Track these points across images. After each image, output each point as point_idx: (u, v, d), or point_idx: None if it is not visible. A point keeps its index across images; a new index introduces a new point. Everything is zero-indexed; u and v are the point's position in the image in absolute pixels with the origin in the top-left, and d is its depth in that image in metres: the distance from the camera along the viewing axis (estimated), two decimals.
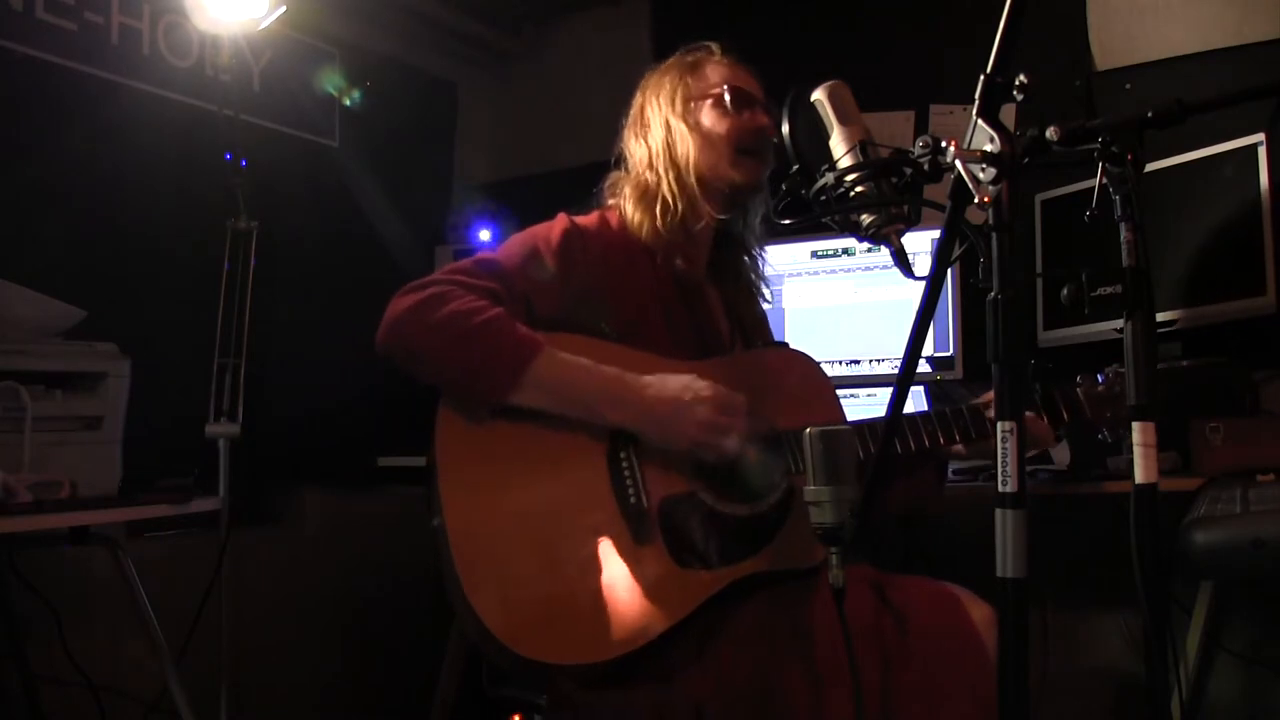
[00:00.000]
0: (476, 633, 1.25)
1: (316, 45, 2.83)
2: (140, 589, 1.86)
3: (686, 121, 1.53)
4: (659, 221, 1.49)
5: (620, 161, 1.61)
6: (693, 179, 1.51)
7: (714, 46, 1.60)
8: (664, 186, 1.51)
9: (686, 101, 1.54)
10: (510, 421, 1.34)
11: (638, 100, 1.60)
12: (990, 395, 1.45)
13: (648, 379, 1.36)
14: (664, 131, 1.53)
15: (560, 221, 1.49)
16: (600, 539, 1.32)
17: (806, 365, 1.59)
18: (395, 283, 1.40)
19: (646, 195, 1.52)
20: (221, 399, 2.06)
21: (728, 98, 1.52)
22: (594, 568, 1.30)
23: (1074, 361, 1.53)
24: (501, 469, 1.33)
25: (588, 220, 1.53)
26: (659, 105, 1.55)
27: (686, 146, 1.52)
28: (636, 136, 1.58)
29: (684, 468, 1.38)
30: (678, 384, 1.36)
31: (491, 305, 1.35)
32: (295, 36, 2.72)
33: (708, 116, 1.53)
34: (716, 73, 1.56)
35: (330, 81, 2.86)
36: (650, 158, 1.54)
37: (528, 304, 1.41)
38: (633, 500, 1.35)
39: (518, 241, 1.47)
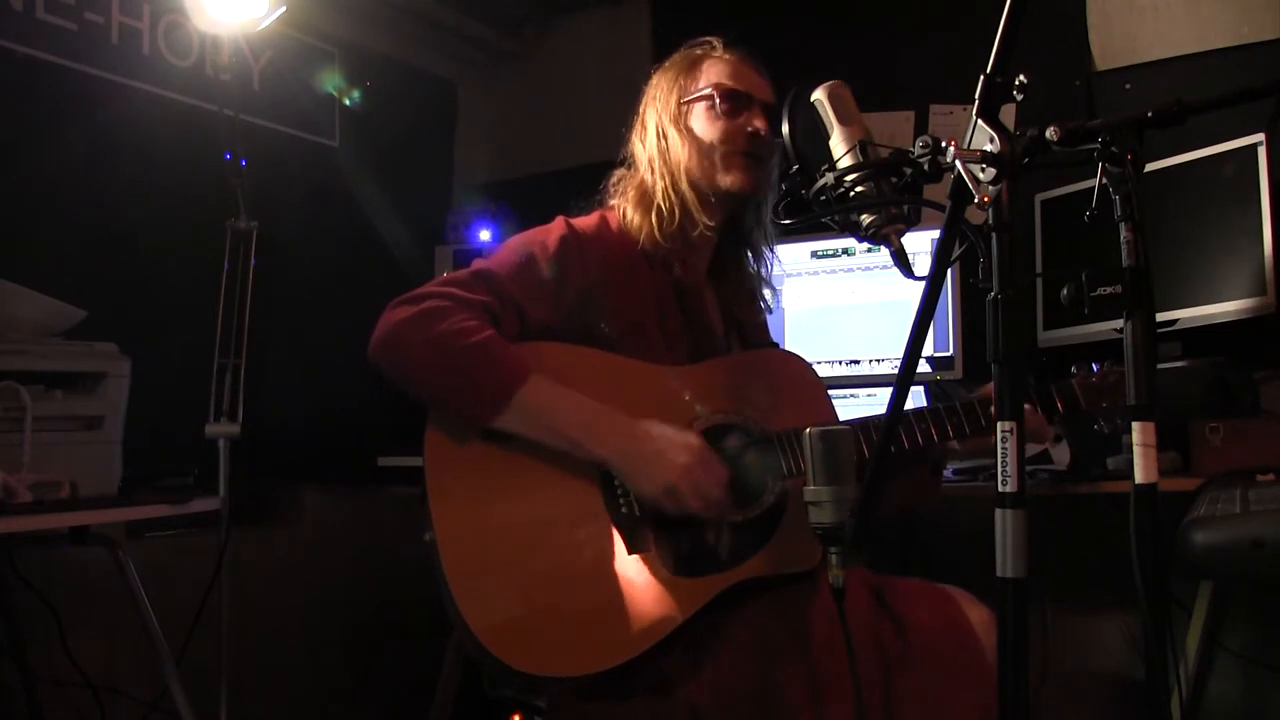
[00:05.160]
0: (472, 646, 1.25)
1: (316, 45, 2.83)
2: (140, 589, 1.86)
3: (678, 126, 1.50)
4: (656, 230, 1.47)
5: (626, 160, 1.59)
6: (686, 186, 1.48)
7: (716, 42, 1.55)
8: (660, 193, 1.49)
9: (680, 104, 1.51)
10: (500, 434, 1.33)
11: (642, 100, 1.58)
12: (985, 390, 1.45)
13: (639, 422, 1.34)
14: (658, 136, 1.51)
15: (558, 226, 1.47)
16: (594, 549, 1.31)
17: (799, 366, 1.57)
18: (395, 283, 1.39)
19: (645, 199, 1.50)
20: (221, 399, 2.06)
21: (718, 101, 1.48)
22: (588, 578, 1.30)
23: (1073, 362, 1.53)
24: (493, 481, 1.33)
25: (586, 223, 1.51)
26: (656, 108, 1.53)
27: (678, 152, 1.49)
28: (639, 138, 1.56)
29: None
30: (667, 429, 1.34)
31: (485, 326, 1.33)
32: (295, 36, 2.72)
33: (698, 121, 1.49)
34: (712, 72, 1.51)
35: (330, 81, 2.87)
36: (649, 161, 1.52)
37: (521, 312, 1.40)
38: (624, 510, 1.34)
39: (514, 248, 1.45)
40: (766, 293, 1.65)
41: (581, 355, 1.41)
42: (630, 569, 1.31)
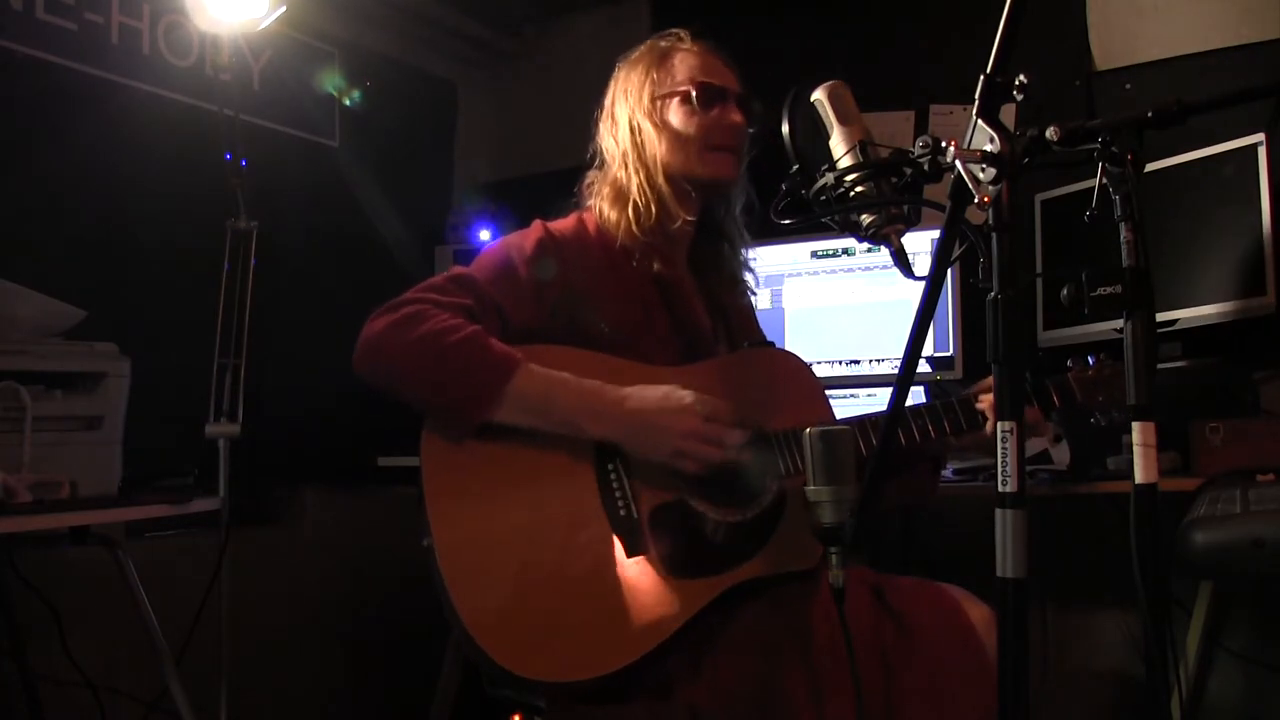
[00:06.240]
0: (471, 651, 1.25)
1: (316, 45, 2.83)
2: (140, 589, 1.86)
3: (653, 120, 1.50)
4: (634, 225, 1.47)
5: (595, 158, 1.59)
6: (662, 180, 1.48)
7: (684, 34, 1.56)
8: (635, 188, 1.49)
9: (654, 99, 1.50)
10: (495, 439, 1.32)
11: (610, 92, 1.57)
12: (980, 385, 1.46)
13: (628, 390, 1.34)
14: (633, 131, 1.51)
15: (535, 230, 1.48)
16: (592, 553, 1.31)
17: (795, 365, 1.57)
18: (395, 283, 1.39)
19: (621, 195, 1.50)
20: (221, 399, 2.06)
21: (695, 95, 1.48)
22: (587, 582, 1.29)
23: (1069, 357, 1.53)
24: (489, 487, 1.32)
25: (563, 225, 1.51)
26: (628, 102, 1.53)
27: (655, 146, 1.49)
28: (610, 133, 1.55)
29: (673, 476, 1.35)
30: (658, 393, 1.34)
31: (467, 323, 1.33)
32: (295, 36, 2.72)
33: (675, 115, 1.50)
34: (685, 66, 1.52)
35: (330, 81, 2.86)
36: (622, 156, 1.52)
37: (501, 313, 1.40)
38: (622, 512, 1.33)
39: (490, 253, 1.46)
40: (747, 276, 1.66)
41: (581, 358, 1.40)
42: (629, 572, 1.30)
